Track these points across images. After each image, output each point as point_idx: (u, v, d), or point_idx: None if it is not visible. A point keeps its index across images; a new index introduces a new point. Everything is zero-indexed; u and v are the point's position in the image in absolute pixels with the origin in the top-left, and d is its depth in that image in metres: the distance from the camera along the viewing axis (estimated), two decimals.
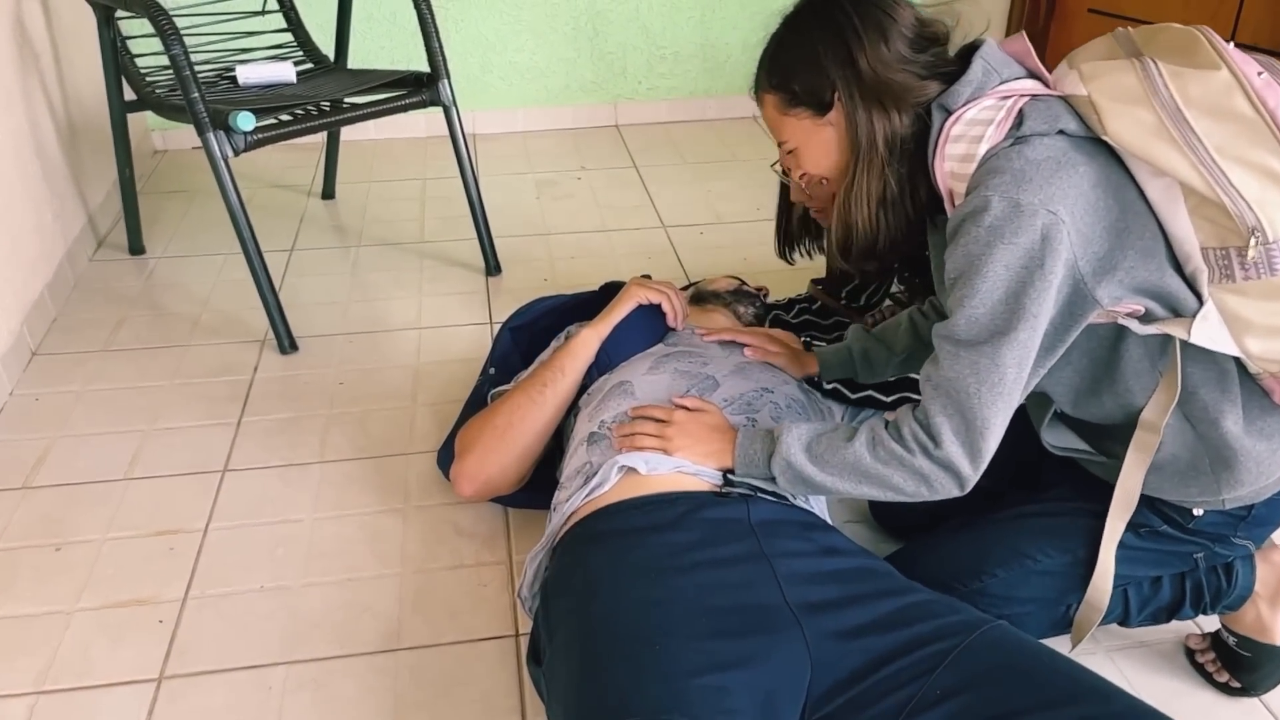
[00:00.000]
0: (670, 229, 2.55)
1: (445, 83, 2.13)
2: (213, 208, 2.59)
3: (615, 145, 3.15)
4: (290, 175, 2.88)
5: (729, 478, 1.17)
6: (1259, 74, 0.92)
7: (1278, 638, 1.23)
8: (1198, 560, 1.21)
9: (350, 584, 1.42)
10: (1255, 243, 0.91)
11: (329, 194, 2.73)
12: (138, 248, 2.39)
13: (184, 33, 1.82)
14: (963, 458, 1.02)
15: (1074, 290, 0.98)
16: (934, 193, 1.07)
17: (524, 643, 1.32)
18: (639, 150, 3.10)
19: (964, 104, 1.01)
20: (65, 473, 1.64)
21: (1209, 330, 0.98)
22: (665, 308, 1.46)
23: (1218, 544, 1.18)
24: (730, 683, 0.93)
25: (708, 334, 1.46)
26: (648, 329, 1.44)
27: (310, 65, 2.37)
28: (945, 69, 1.05)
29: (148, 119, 2.98)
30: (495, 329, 2.07)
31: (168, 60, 1.80)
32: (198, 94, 1.80)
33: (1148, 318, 1.02)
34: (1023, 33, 1.07)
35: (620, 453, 1.19)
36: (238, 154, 1.85)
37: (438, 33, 2.13)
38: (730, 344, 1.45)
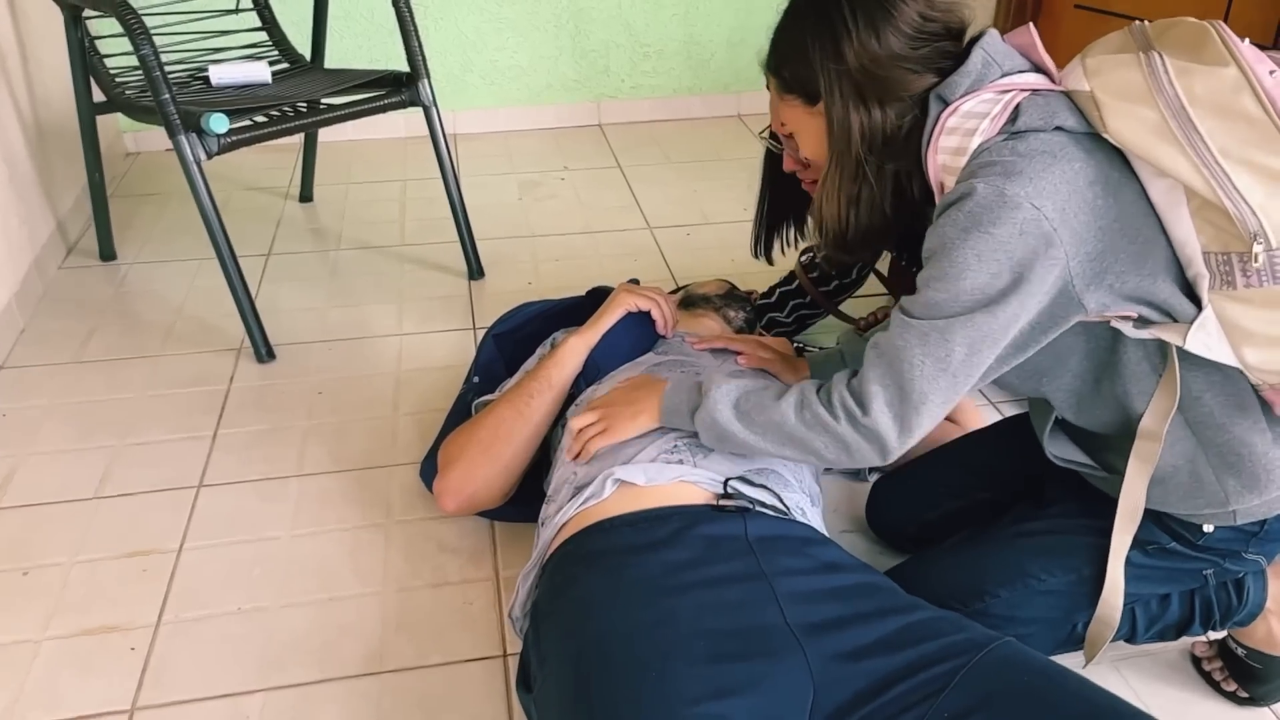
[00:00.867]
0: (656, 230, 2.51)
1: (425, 82, 2.07)
2: (187, 211, 2.52)
3: (599, 145, 3.10)
4: (267, 177, 2.81)
5: (728, 489, 1.12)
6: (1270, 72, 0.88)
7: None
8: (1207, 577, 1.18)
9: (331, 604, 1.37)
10: (1260, 248, 0.88)
11: (307, 196, 2.67)
12: (109, 254, 2.32)
13: (154, 32, 1.76)
14: (891, 429, 1.00)
15: (1061, 291, 0.95)
16: (927, 186, 1.04)
17: (512, 664, 1.27)
18: (623, 150, 3.05)
19: (962, 95, 0.99)
20: (33, 492, 1.57)
21: (1206, 338, 0.95)
22: (655, 315, 1.41)
23: (1228, 560, 1.14)
24: (730, 710, 0.89)
25: (699, 343, 1.42)
26: (637, 337, 1.40)
27: (286, 65, 2.31)
28: (945, 61, 1.02)
29: (119, 120, 2.91)
30: (479, 334, 2.02)
31: (137, 61, 1.74)
32: (168, 95, 1.74)
33: (1142, 322, 0.98)
34: (1029, 25, 1.04)
35: (617, 465, 1.15)
36: (211, 157, 1.79)
37: (417, 31, 2.08)
38: (722, 351, 1.41)
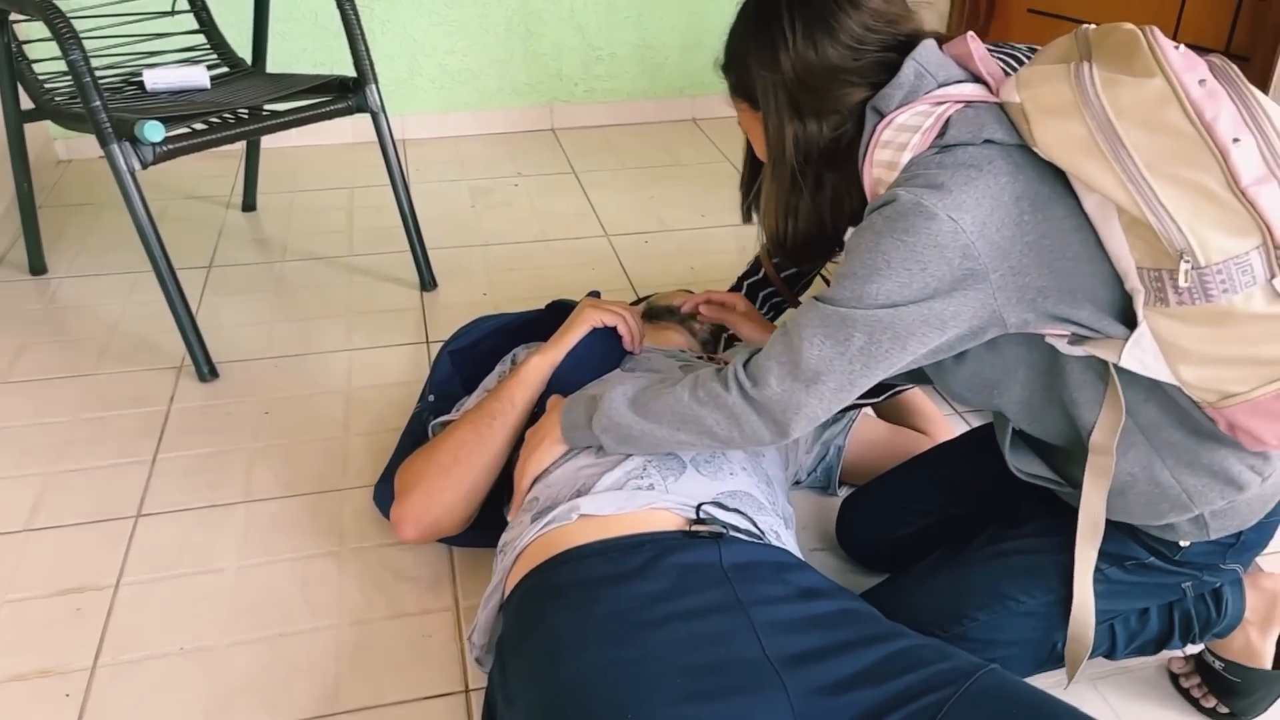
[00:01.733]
0: (613, 237, 2.46)
1: (373, 88, 2.00)
2: (122, 221, 2.39)
3: (552, 150, 3.04)
4: (207, 185, 2.71)
5: (700, 514, 1.08)
6: (1200, 82, 0.85)
7: (1268, 662, 1.19)
8: (1186, 590, 1.16)
9: (281, 640, 1.29)
10: (1186, 267, 0.84)
11: (249, 205, 2.58)
12: (39, 267, 2.21)
13: (85, 35, 1.67)
14: (779, 402, 0.99)
15: (981, 305, 0.93)
16: (865, 198, 1.02)
17: (475, 700, 1.21)
18: (577, 155, 2.99)
19: (896, 108, 0.97)
20: None
21: (1141, 355, 0.92)
22: (621, 330, 1.36)
23: (1206, 572, 1.12)
24: None
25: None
26: (603, 354, 1.35)
27: (225, 69, 2.21)
28: (884, 74, 0.99)
29: (49, 126, 2.78)
30: (432, 349, 1.95)
31: (66, 66, 1.64)
32: (99, 102, 1.65)
33: (1077, 339, 0.96)
34: (968, 34, 1.01)
35: (580, 496, 1.10)
36: (146, 166, 1.70)
37: (364, 35, 2.00)
38: (692, 364, 1.37)
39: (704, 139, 3.13)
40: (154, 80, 2.00)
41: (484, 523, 1.35)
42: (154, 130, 1.65)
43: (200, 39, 2.25)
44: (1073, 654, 1.13)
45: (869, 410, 1.63)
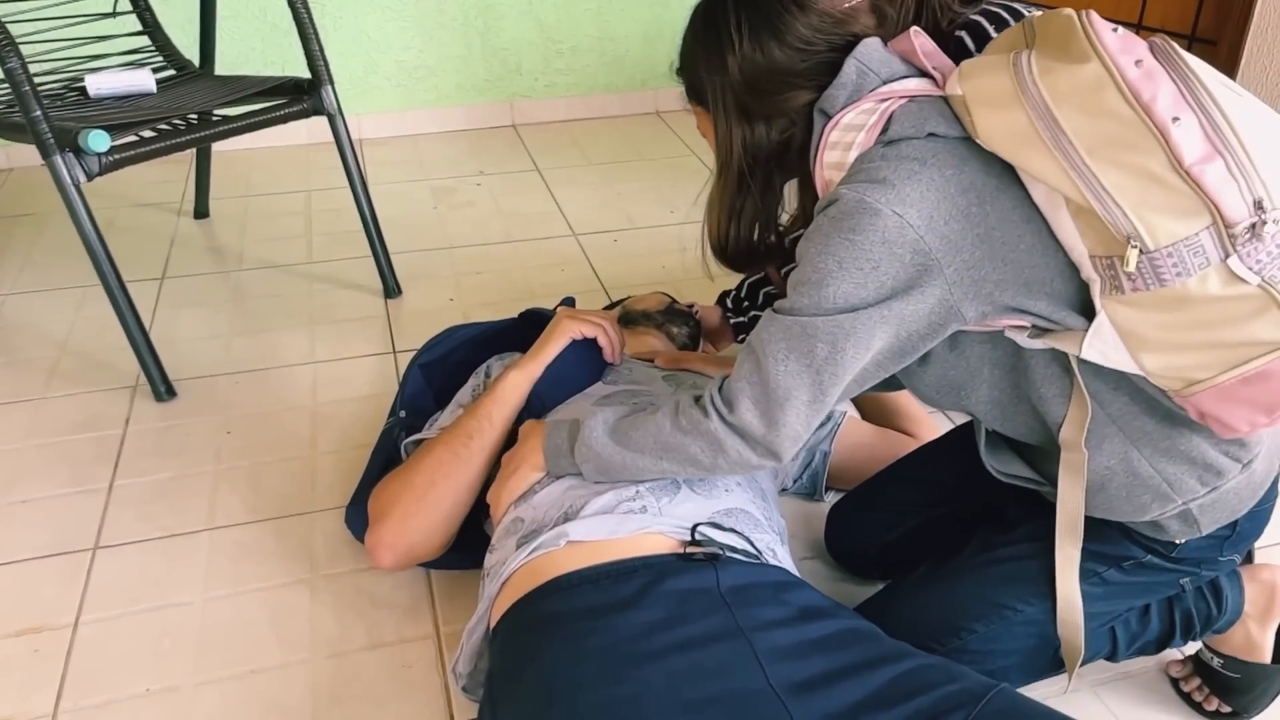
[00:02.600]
0: (581, 236, 2.40)
1: (329, 89, 1.92)
2: (69, 232, 2.29)
3: (514, 147, 2.97)
4: (156, 192, 2.61)
5: (695, 535, 1.03)
6: (1136, 63, 0.82)
7: (1268, 655, 1.18)
8: (1184, 585, 1.14)
9: (253, 677, 1.23)
10: (1134, 252, 0.82)
11: (202, 212, 2.48)
12: None
13: (22, 40, 1.59)
14: (757, 426, 0.97)
15: (939, 301, 0.92)
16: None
17: None
18: (540, 151, 2.93)
19: (842, 108, 0.96)
20: None
21: (1102, 346, 0.91)
22: (601, 341, 1.31)
23: (1204, 566, 1.10)
24: None
25: (667, 362, 1.37)
26: (583, 367, 1.29)
27: (172, 72, 2.12)
28: (828, 75, 0.99)
29: None
30: (399, 358, 1.89)
31: (3, 74, 1.55)
32: (39, 112, 1.56)
33: (1036, 331, 0.94)
34: (911, 30, 0.99)
35: (563, 522, 1.05)
36: (91, 178, 1.62)
37: (317, 34, 1.93)
38: (674, 375, 1.32)
39: (668, 132, 3.08)
40: (97, 85, 1.91)
41: (463, 544, 1.30)
42: (99, 140, 1.57)
43: (144, 40, 2.16)
44: (1067, 657, 1.11)
45: (854, 413, 1.59)
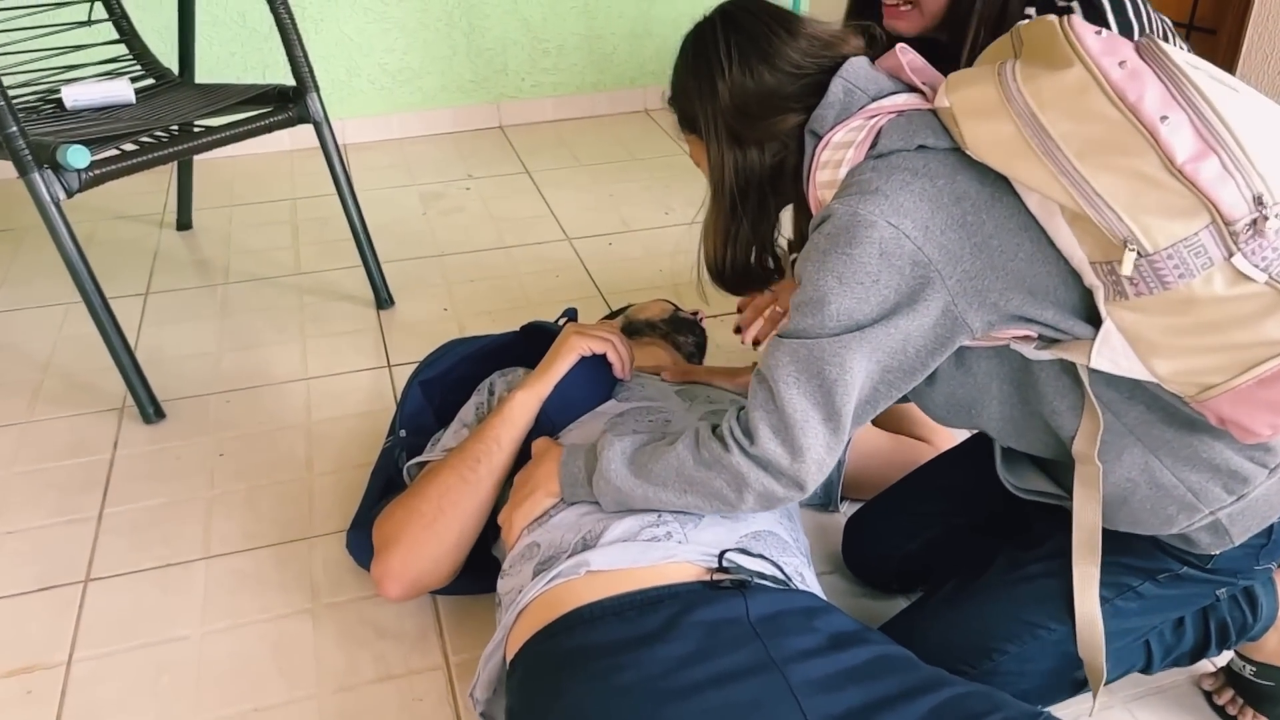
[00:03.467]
0: (575, 240, 2.35)
1: (314, 96, 1.87)
2: (49, 247, 2.23)
3: (502, 149, 2.92)
4: (138, 203, 2.54)
5: (723, 563, 0.99)
6: (1120, 64, 0.81)
7: None
8: (1220, 595, 1.11)
9: (256, 715, 1.18)
10: (1131, 255, 0.81)
11: (185, 223, 2.42)
12: None
13: None
14: (781, 455, 0.94)
15: (943, 312, 0.91)
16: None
17: None
18: (528, 153, 2.88)
19: (832, 127, 0.96)
20: None
21: (1112, 354, 0.89)
22: (611, 358, 1.26)
23: (1240, 576, 1.07)
24: None
25: (675, 376, 1.33)
26: (593, 385, 1.25)
27: (151, 81, 2.06)
28: (817, 97, 0.99)
29: None
30: (395, 372, 1.84)
31: None
32: (15, 127, 1.50)
33: (1044, 342, 0.92)
34: (898, 47, 1.00)
35: (582, 550, 1.01)
36: (71, 195, 1.56)
37: (300, 39, 1.87)
38: (687, 389, 1.28)
39: (659, 131, 3.03)
40: (74, 97, 1.85)
41: (471, 569, 1.25)
42: (78, 156, 1.51)
43: (122, 49, 2.09)
44: (1090, 678, 1.08)
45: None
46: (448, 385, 1.47)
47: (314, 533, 1.46)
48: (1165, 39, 1.24)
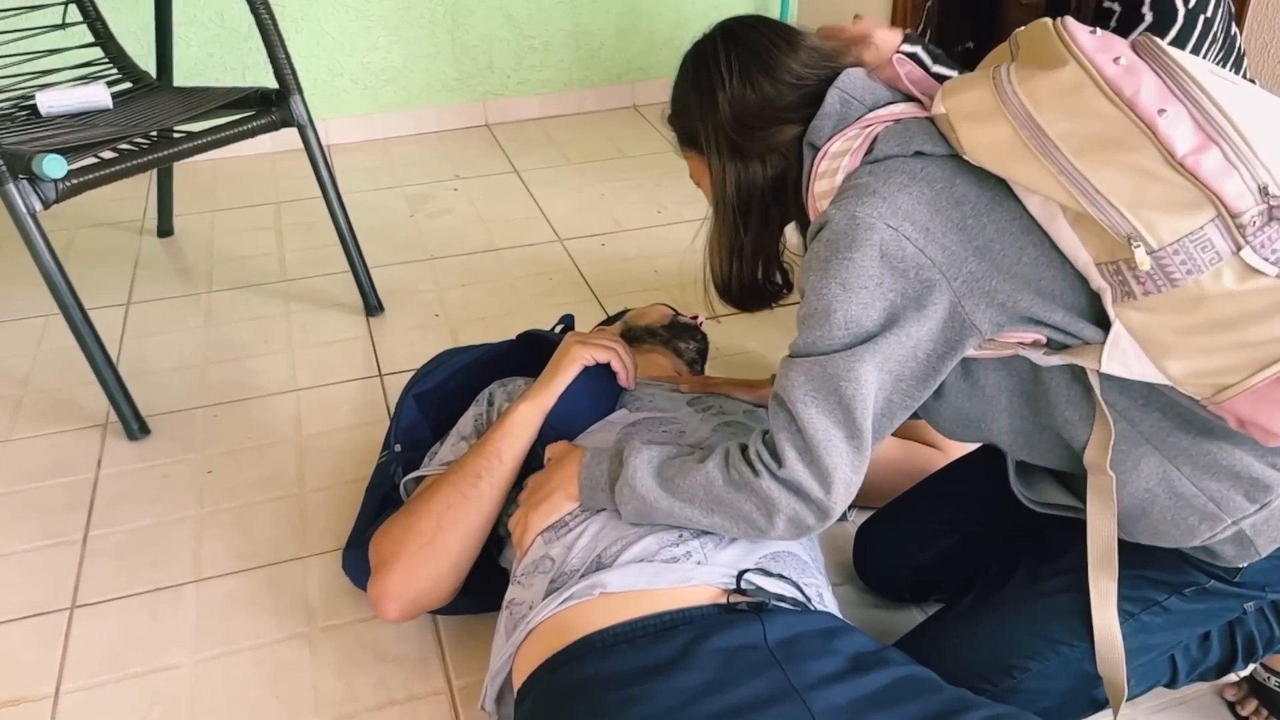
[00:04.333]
0: (567, 241, 2.31)
1: (298, 99, 1.82)
2: (25, 257, 2.17)
3: (489, 148, 2.87)
4: (117, 210, 2.48)
5: (741, 584, 0.96)
6: (1115, 60, 0.80)
7: None
8: (1247, 609, 1.08)
9: None
10: (1140, 252, 0.79)
11: (166, 230, 2.36)
12: None
13: None
14: (809, 478, 0.91)
15: (950, 314, 0.89)
16: None
17: None
18: (516, 152, 2.83)
19: (829, 138, 0.96)
20: None
21: (1123, 357, 0.86)
22: (615, 367, 1.22)
23: (1270, 589, 1.04)
24: None
25: (692, 386, 1.32)
26: (597, 396, 1.21)
27: (128, 85, 2.00)
28: (814, 108, 0.99)
29: None
30: (386, 382, 1.79)
31: None
32: None
33: (1053, 347, 0.90)
34: (895, 58, 1.01)
35: (597, 569, 0.97)
36: (48, 206, 1.51)
37: (282, 40, 1.82)
38: (699, 399, 1.24)
39: (648, 127, 2.99)
40: (49, 103, 1.79)
41: (472, 588, 1.21)
42: (55, 165, 1.46)
43: (97, 52, 2.03)
44: (1111, 696, 1.05)
45: None
46: (444, 397, 1.43)
47: (308, 552, 1.41)
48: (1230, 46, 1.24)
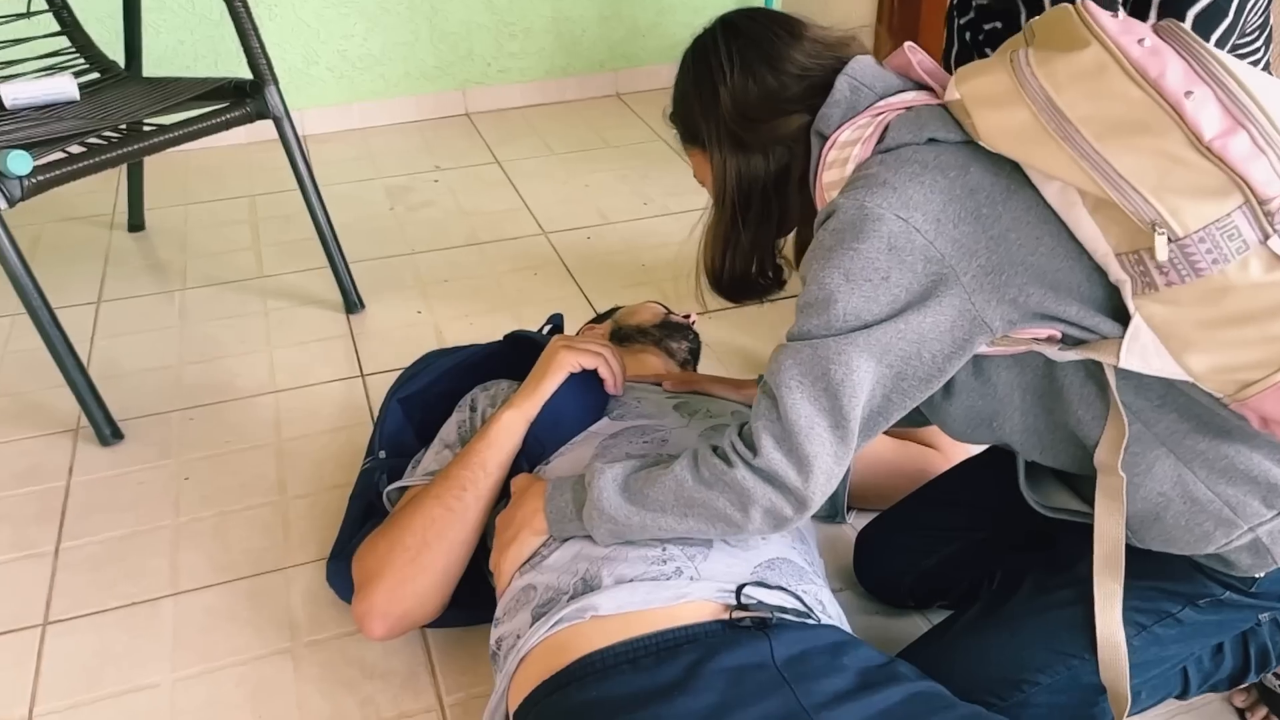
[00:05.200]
0: (552, 235, 2.26)
1: (273, 89, 1.76)
2: None
3: (470, 137, 2.81)
4: (86, 204, 2.41)
5: (740, 599, 0.92)
6: (1140, 41, 0.78)
7: None
8: (1261, 620, 1.06)
9: None
10: (1163, 239, 0.76)
11: (137, 224, 2.29)
12: None
13: None
14: (786, 467, 0.88)
15: (960, 312, 0.86)
16: None
17: None
18: (498, 142, 2.77)
19: (838, 126, 0.93)
20: None
21: (1143, 352, 0.83)
22: (603, 373, 1.18)
23: None
24: None
25: (676, 385, 1.29)
26: (584, 403, 1.16)
27: (96, 75, 1.94)
28: (819, 97, 0.96)
29: None
30: (368, 382, 1.74)
31: None
32: None
33: (1069, 342, 0.87)
34: (907, 45, 0.97)
35: (584, 592, 0.94)
36: (13, 204, 1.44)
37: (256, 29, 1.75)
38: (686, 403, 1.20)
39: (631, 115, 2.93)
40: (13, 95, 1.72)
41: (461, 601, 1.17)
42: (19, 162, 1.40)
43: (63, 41, 1.96)
44: (1114, 705, 1.02)
45: None
46: (429, 401, 1.38)
47: (290, 563, 1.37)
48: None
